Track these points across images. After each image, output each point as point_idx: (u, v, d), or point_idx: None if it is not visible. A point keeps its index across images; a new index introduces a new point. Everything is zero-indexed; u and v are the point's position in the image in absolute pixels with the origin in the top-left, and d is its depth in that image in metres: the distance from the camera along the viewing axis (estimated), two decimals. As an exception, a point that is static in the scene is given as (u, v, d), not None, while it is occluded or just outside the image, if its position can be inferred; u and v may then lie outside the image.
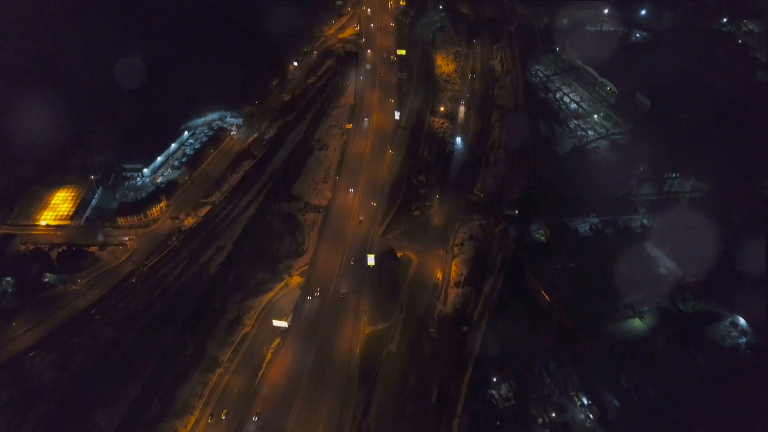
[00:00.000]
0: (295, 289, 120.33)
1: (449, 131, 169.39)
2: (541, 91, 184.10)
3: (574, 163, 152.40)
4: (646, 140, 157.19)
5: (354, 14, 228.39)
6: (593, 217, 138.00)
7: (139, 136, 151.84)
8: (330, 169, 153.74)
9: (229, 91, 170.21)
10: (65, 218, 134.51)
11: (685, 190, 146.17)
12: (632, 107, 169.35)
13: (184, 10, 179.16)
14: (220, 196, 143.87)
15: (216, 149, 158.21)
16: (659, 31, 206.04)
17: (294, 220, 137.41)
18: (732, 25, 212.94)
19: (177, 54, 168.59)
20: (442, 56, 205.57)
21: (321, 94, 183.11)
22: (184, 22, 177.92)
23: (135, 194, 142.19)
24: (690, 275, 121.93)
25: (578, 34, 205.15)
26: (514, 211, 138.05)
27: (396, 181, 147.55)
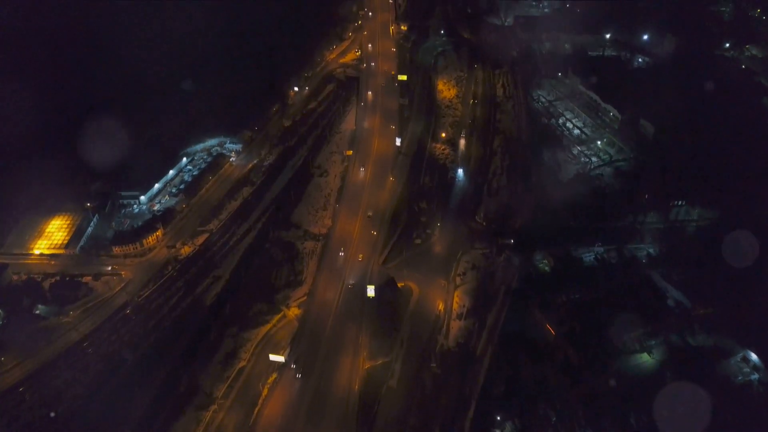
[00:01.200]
0: (293, 321, 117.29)
1: (450, 157, 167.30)
2: (543, 117, 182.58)
3: (578, 191, 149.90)
4: (651, 167, 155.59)
5: (355, 39, 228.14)
6: (598, 246, 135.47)
7: (137, 163, 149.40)
8: (330, 196, 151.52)
9: (229, 116, 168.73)
10: (59, 247, 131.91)
11: (692, 219, 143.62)
12: (636, 133, 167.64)
13: (184, 36, 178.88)
14: (218, 224, 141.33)
15: (215, 176, 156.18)
16: (662, 56, 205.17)
17: (293, 248, 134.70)
18: (735, 51, 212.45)
19: (176, 79, 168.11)
20: (444, 81, 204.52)
21: (321, 119, 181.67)
22: (185, 47, 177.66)
23: (131, 222, 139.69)
24: (699, 307, 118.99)
25: (580, 60, 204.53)
26: (509, 240, 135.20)
27: (397, 209, 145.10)
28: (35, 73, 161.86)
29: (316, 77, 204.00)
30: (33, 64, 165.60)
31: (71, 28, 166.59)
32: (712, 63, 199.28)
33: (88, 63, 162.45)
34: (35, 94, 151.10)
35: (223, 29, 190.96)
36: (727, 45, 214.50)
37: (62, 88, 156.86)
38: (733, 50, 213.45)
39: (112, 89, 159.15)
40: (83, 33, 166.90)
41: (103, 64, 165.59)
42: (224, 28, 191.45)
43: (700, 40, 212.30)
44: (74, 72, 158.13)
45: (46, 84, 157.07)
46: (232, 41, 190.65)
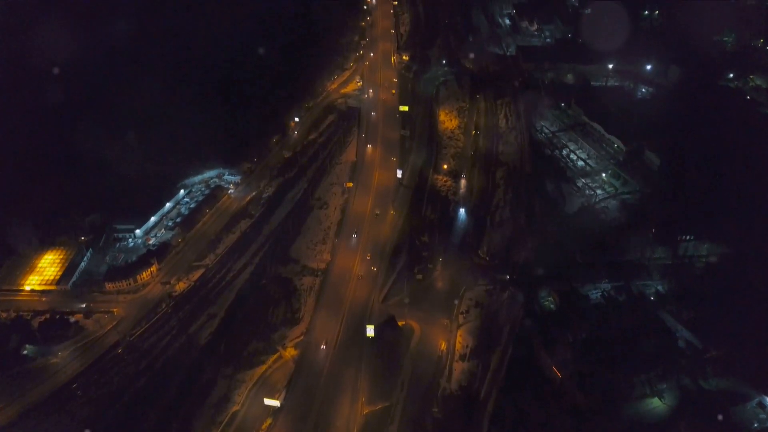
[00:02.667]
0: (289, 362, 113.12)
1: (452, 189, 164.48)
2: (547, 148, 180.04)
3: (583, 224, 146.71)
4: (657, 200, 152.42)
5: (357, 69, 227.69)
6: (605, 282, 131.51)
7: (133, 195, 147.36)
8: (329, 229, 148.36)
9: (228, 147, 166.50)
10: (51, 283, 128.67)
11: (701, 254, 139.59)
12: (641, 165, 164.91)
13: (183, 66, 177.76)
14: (214, 259, 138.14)
15: (212, 208, 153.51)
16: (665, 86, 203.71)
17: (290, 284, 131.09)
18: (739, 81, 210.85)
19: (175, 110, 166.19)
20: (446, 111, 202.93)
21: (322, 150, 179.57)
22: (184, 77, 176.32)
23: (126, 256, 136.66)
24: (711, 348, 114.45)
25: (583, 90, 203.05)
26: (506, 276, 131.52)
27: (397, 243, 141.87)
28: (28, 102, 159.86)
29: (317, 107, 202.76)
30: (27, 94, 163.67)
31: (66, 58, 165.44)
32: (716, 94, 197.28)
33: (82, 92, 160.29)
34: (28, 124, 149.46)
35: (223, 59, 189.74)
36: (731, 75, 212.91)
37: (57, 117, 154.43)
38: (737, 81, 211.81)
39: (109, 119, 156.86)
40: (75, 65, 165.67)
41: (99, 94, 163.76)
42: (224, 57, 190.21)
43: (703, 70, 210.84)
44: (68, 100, 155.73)
45: (41, 112, 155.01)
46: (233, 71, 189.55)
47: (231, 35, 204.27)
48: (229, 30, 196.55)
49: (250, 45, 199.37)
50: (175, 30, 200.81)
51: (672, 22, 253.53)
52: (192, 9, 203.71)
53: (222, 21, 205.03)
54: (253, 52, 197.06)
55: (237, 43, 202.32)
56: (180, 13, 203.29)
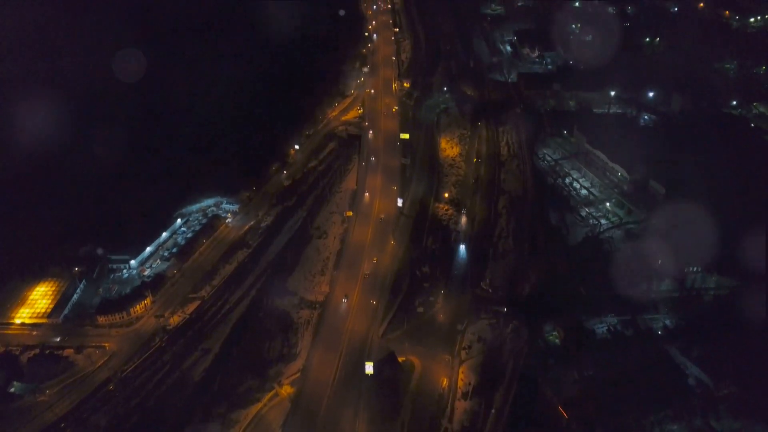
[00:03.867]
0: (285, 401, 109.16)
1: (454, 218, 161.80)
2: (549, 176, 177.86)
3: (588, 255, 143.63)
4: (663, 230, 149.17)
5: (358, 96, 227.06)
6: (611, 316, 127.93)
7: (129, 224, 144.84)
8: (328, 259, 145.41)
9: (227, 175, 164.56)
10: (42, 316, 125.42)
11: (709, 287, 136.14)
12: (646, 194, 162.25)
13: (183, 93, 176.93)
14: (210, 291, 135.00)
15: (209, 238, 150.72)
16: (669, 114, 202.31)
17: (287, 318, 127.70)
18: (743, 109, 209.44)
19: (174, 138, 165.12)
20: (447, 139, 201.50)
21: (322, 178, 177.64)
22: (183, 104, 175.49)
23: (120, 288, 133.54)
24: (722, 387, 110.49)
25: (586, 117, 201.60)
26: (502, 308, 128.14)
27: (398, 274, 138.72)
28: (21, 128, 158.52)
29: (317, 135, 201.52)
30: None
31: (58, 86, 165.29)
32: (720, 121, 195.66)
33: (78, 121, 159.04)
34: (22, 151, 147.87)
35: (223, 86, 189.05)
36: (734, 103, 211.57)
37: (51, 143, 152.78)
38: (741, 108, 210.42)
39: (106, 147, 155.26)
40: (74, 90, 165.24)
41: (98, 122, 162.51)
42: (224, 85, 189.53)
43: (706, 98, 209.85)
44: (62, 128, 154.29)
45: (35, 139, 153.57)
46: (233, 99, 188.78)
47: (233, 62, 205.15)
48: (231, 57, 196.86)
49: (251, 72, 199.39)
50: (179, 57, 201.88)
51: (673, 50, 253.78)
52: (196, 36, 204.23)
53: (225, 48, 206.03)
54: (254, 79, 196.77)
55: (238, 69, 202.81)
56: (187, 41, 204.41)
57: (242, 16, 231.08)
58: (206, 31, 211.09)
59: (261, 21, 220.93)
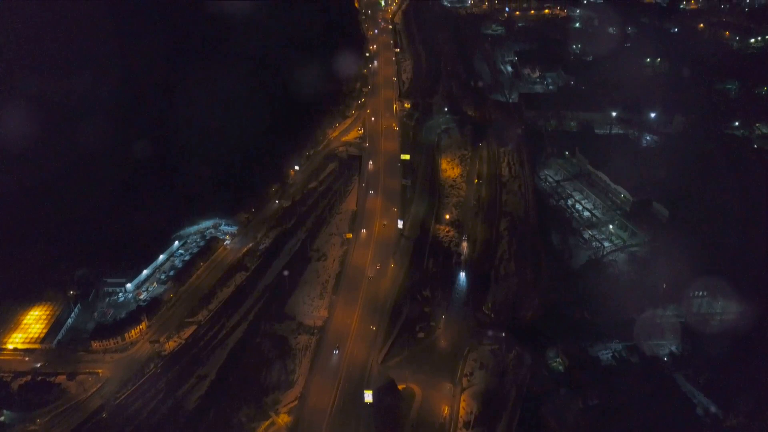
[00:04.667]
0: (282, 430, 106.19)
1: (455, 240, 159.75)
2: (551, 198, 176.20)
3: (591, 279, 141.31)
4: (667, 253, 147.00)
5: (358, 116, 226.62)
6: (616, 342, 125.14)
7: (126, 247, 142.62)
8: (327, 282, 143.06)
9: (226, 197, 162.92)
10: (35, 341, 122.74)
11: (715, 311, 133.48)
12: (649, 216, 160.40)
13: (181, 114, 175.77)
14: (207, 315, 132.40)
15: (207, 261, 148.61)
16: (671, 135, 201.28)
17: (285, 343, 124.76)
18: (745, 129, 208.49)
19: (172, 159, 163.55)
20: (448, 160, 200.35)
21: (322, 199, 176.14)
22: (181, 124, 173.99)
23: (115, 312, 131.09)
24: (732, 417, 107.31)
25: (587, 138, 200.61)
26: (501, 333, 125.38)
27: (398, 298, 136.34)
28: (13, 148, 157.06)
29: (318, 156, 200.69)
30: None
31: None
32: (723, 142, 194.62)
33: (74, 141, 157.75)
34: (15, 169, 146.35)
35: (222, 107, 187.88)
36: (737, 124, 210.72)
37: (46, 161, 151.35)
38: (743, 129, 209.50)
39: (103, 168, 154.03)
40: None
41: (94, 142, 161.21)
42: (223, 105, 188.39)
43: (708, 118, 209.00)
44: (57, 148, 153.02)
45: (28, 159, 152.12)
46: (232, 119, 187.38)
47: (232, 83, 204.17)
48: (230, 78, 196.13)
49: (251, 93, 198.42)
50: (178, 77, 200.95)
51: (674, 70, 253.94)
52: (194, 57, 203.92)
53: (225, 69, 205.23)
54: (254, 100, 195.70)
55: (237, 90, 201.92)
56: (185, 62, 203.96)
57: (242, 37, 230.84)
58: (205, 52, 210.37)
59: (261, 43, 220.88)
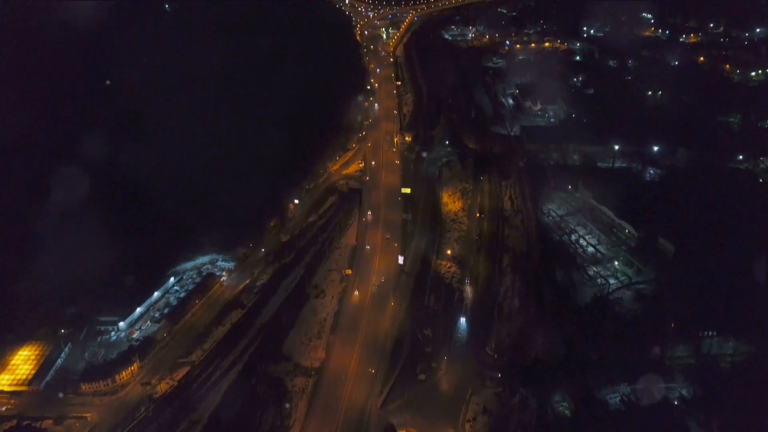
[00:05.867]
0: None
1: (457, 276, 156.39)
2: (555, 233, 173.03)
3: (597, 318, 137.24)
4: (674, 291, 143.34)
5: (359, 149, 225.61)
6: (624, 385, 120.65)
7: (120, 283, 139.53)
8: (326, 321, 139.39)
9: (224, 232, 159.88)
10: (23, 383, 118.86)
11: (726, 353, 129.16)
12: (655, 253, 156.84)
13: (178, 145, 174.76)
14: (201, 355, 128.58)
15: (203, 298, 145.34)
16: (674, 168, 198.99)
17: (281, 385, 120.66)
18: (749, 163, 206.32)
19: (169, 192, 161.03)
20: (449, 193, 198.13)
21: (321, 233, 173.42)
22: (178, 156, 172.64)
23: (106, 352, 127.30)
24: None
25: (590, 171, 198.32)
26: (496, 374, 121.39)
27: (398, 337, 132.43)
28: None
29: (318, 189, 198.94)
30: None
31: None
32: (727, 176, 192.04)
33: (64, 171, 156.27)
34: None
35: (220, 139, 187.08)
36: (741, 157, 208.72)
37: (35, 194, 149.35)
38: (747, 162, 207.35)
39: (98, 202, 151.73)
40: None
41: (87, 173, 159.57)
42: (221, 138, 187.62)
43: (712, 152, 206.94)
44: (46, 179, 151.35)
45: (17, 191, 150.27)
46: (230, 152, 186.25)
47: (230, 115, 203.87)
48: (228, 110, 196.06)
49: (250, 125, 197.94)
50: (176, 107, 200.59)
51: (676, 103, 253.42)
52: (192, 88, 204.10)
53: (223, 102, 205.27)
54: (253, 132, 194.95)
55: (236, 122, 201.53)
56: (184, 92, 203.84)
57: (240, 67, 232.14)
58: (202, 84, 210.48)
59: (257, 73, 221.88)
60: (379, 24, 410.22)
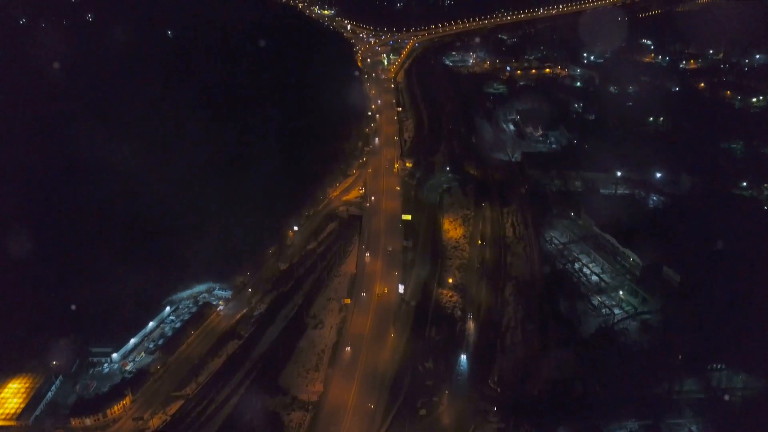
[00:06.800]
0: None
1: (459, 306, 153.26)
2: (558, 261, 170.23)
3: (603, 349, 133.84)
4: (681, 321, 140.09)
5: (360, 175, 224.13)
6: (631, 421, 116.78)
7: (114, 313, 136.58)
8: (324, 353, 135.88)
9: (221, 259, 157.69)
10: (11, 417, 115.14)
11: (736, 386, 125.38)
12: (660, 282, 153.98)
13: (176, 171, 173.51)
14: (195, 388, 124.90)
15: (198, 328, 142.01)
16: (678, 195, 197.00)
17: (277, 420, 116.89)
18: (753, 190, 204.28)
19: (166, 219, 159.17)
20: (450, 220, 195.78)
21: (321, 261, 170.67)
22: (176, 182, 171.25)
23: (98, 385, 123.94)
24: None
25: (593, 199, 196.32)
26: (499, 408, 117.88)
27: (398, 370, 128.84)
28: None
29: (317, 215, 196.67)
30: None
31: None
32: (732, 203, 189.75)
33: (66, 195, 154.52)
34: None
35: (219, 166, 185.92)
36: (744, 184, 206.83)
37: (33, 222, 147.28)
38: (751, 189, 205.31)
39: (92, 229, 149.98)
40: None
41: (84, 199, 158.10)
42: (221, 164, 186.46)
43: (716, 178, 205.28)
44: (50, 203, 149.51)
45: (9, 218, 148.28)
46: (231, 178, 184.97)
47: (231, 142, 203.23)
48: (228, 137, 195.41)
49: (249, 151, 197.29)
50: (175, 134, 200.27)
51: (677, 129, 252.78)
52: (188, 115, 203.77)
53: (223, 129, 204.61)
54: (253, 158, 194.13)
55: (236, 149, 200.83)
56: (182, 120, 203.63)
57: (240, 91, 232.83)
58: (196, 110, 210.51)
59: (257, 99, 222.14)
60: (380, 50, 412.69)
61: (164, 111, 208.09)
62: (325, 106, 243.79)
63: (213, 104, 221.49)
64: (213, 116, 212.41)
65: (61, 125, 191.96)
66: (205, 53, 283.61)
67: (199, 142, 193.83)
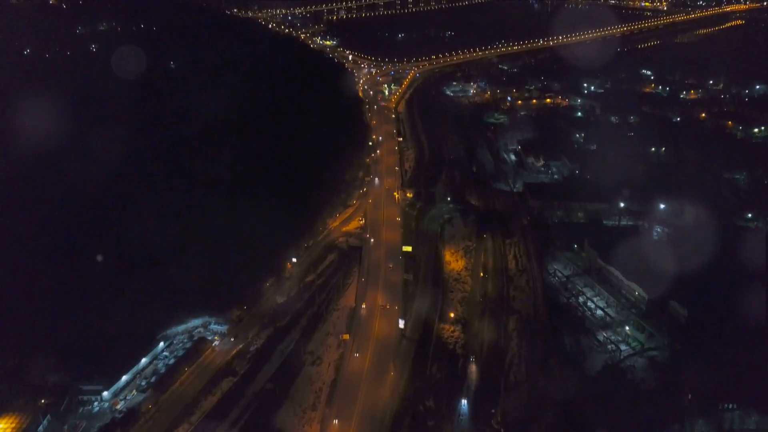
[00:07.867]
0: None
1: (461, 341, 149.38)
2: (562, 295, 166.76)
3: (609, 388, 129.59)
4: (690, 358, 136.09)
5: (360, 206, 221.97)
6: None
7: (105, 349, 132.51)
8: (321, 391, 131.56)
9: (217, 292, 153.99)
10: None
11: (749, 428, 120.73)
12: (667, 316, 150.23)
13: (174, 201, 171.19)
14: (188, 428, 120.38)
15: (193, 364, 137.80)
16: (682, 227, 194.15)
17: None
18: (759, 221, 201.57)
19: (161, 251, 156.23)
20: (451, 251, 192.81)
21: (319, 294, 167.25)
22: (172, 213, 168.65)
23: (88, 425, 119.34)
24: None
25: (596, 230, 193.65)
26: None
27: (399, 410, 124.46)
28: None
29: (317, 246, 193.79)
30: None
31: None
32: (737, 235, 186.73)
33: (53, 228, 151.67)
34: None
35: (217, 195, 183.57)
36: (749, 215, 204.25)
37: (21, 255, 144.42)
38: (757, 221, 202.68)
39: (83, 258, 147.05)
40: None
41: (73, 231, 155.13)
42: (218, 194, 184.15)
43: (720, 210, 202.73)
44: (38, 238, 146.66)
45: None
46: (228, 209, 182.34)
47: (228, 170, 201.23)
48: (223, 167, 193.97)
49: (248, 181, 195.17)
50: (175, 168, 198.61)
51: (680, 160, 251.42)
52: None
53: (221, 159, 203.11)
54: (251, 189, 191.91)
55: (234, 178, 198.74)
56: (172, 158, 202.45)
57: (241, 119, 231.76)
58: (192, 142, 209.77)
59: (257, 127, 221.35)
60: (381, 80, 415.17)
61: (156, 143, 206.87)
62: (325, 136, 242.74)
63: (208, 133, 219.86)
64: (208, 144, 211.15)
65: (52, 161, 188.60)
66: (205, 82, 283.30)
67: (194, 171, 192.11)
